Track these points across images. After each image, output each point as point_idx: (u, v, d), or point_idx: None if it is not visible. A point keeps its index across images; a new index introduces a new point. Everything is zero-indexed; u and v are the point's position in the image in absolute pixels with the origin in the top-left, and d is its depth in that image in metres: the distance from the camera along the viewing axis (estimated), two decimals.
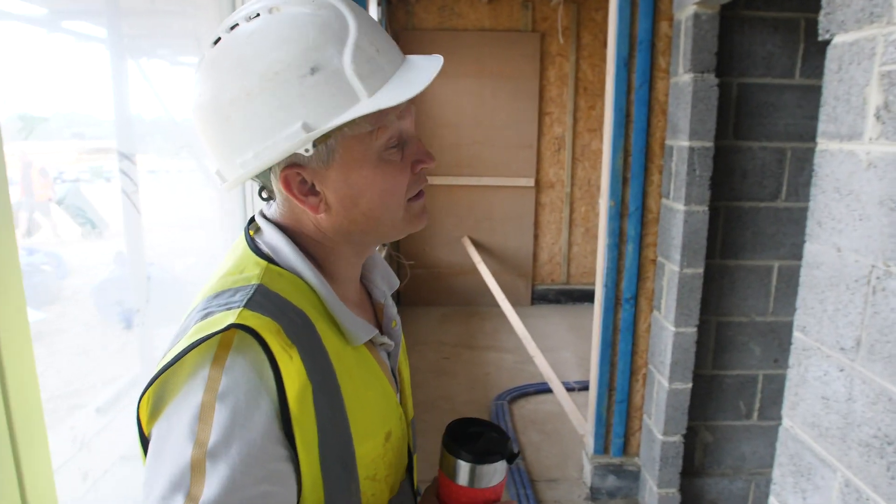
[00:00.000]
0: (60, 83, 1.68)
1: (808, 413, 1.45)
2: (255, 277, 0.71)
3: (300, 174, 0.71)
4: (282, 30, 0.67)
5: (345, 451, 0.71)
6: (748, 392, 2.59)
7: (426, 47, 5.12)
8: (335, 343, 0.73)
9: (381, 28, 0.74)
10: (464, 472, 0.79)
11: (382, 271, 0.92)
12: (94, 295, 2.16)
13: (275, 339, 0.64)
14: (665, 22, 2.36)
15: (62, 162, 2.07)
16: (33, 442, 0.85)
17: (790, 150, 2.38)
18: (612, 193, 2.48)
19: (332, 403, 0.69)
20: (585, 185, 5.47)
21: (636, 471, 2.75)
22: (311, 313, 0.71)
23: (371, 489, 0.77)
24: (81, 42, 1.84)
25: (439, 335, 4.85)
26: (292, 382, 0.64)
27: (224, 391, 0.62)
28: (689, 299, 2.37)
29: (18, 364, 0.82)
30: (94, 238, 2.19)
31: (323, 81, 0.66)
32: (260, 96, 0.66)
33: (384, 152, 0.73)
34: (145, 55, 2.02)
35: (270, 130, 0.67)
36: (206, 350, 0.63)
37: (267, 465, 0.62)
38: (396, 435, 0.82)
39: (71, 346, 2.02)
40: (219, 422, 0.61)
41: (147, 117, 1.99)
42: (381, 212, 0.75)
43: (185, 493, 0.59)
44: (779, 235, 2.45)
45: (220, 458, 0.60)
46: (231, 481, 0.60)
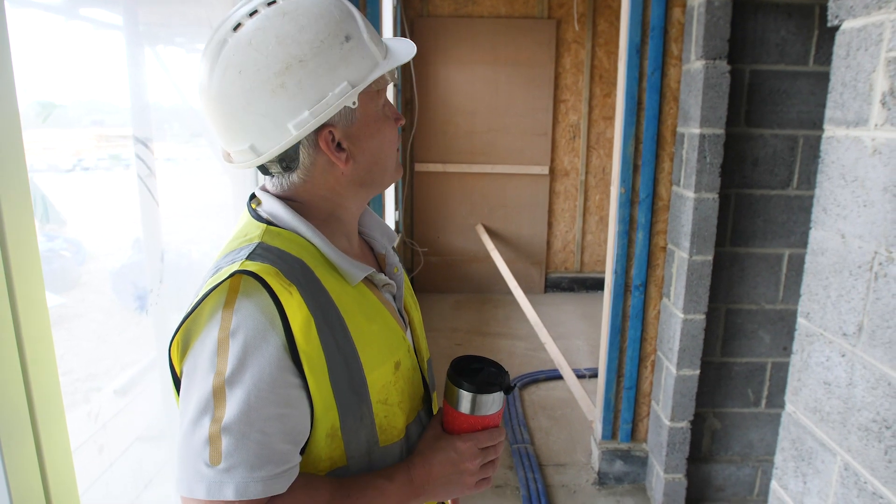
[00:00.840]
0: (79, 70, 1.71)
1: (810, 398, 1.47)
2: (257, 237, 0.82)
3: (332, 132, 0.83)
4: (312, 8, 0.79)
5: (355, 377, 0.81)
6: (757, 380, 2.59)
7: (441, 34, 5.12)
8: (334, 284, 0.83)
9: None
10: (465, 401, 0.88)
11: (380, 227, 1.04)
12: (112, 280, 2.21)
13: (274, 280, 0.75)
14: (678, 8, 2.35)
15: (81, 149, 2.11)
16: (52, 421, 0.88)
17: (802, 137, 2.37)
18: (622, 181, 2.48)
19: (338, 336, 0.79)
20: (600, 174, 5.45)
21: (644, 456, 2.77)
22: (308, 261, 0.82)
23: (384, 412, 0.86)
24: (99, 30, 1.86)
25: (452, 322, 4.88)
26: (294, 315, 0.75)
27: (235, 328, 0.73)
28: (699, 286, 2.38)
29: (38, 346, 0.86)
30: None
31: (356, 47, 0.80)
32: (313, 61, 0.78)
33: (383, 109, 0.87)
34: (162, 43, 2.05)
35: (324, 89, 0.79)
36: (218, 296, 0.75)
37: (279, 390, 0.74)
38: (406, 365, 0.92)
39: (89, 331, 2.07)
40: (233, 353, 0.73)
41: (165, 105, 2.02)
42: (387, 159, 0.89)
43: (211, 415, 0.72)
44: (790, 223, 2.44)
45: (237, 383, 0.72)
46: (247, 403, 0.72)
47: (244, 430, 0.72)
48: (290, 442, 0.76)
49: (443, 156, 5.36)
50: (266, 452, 0.73)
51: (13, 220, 0.81)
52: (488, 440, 0.90)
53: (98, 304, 2.23)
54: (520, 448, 3.01)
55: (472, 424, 0.89)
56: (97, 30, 1.84)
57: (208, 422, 0.72)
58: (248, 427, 0.72)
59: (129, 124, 1.74)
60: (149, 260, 1.77)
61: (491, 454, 0.91)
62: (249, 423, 0.72)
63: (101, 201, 2.27)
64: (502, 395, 0.90)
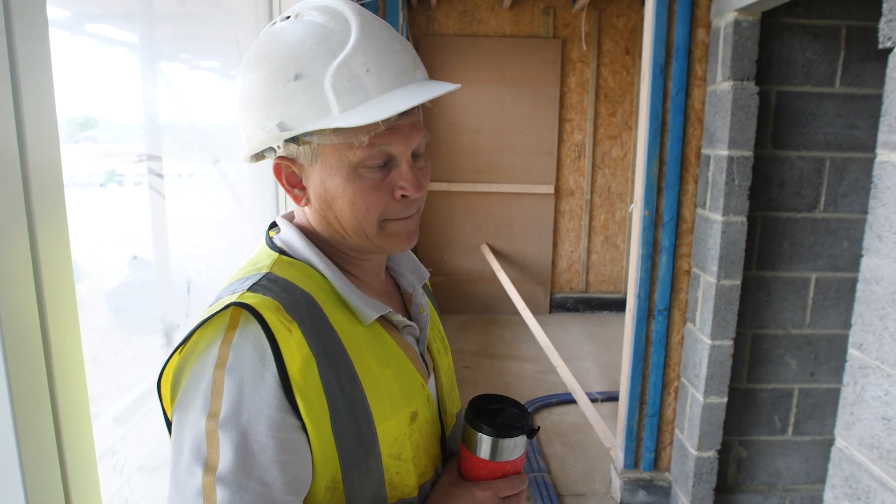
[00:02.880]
0: (76, 86, 1.66)
1: (865, 434, 1.40)
2: (266, 267, 0.77)
3: (291, 167, 0.78)
4: (290, 34, 0.74)
5: (363, 427, 0.74)
6: (783, 406, 2.53)
7: (446, 53, 5.10)
8: (345, 323, 0.76)
9: (397, 49, 0.74)
10: (485, 446, 0.81)
11: (410, 263, 0.97)
12: (109, 300, 2.13)
13: (272, 315, 0.69)
14: (702, 29, 2.32)
15: (74, 165, 2.05)
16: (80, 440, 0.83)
17: (829, 159, 2.33)
18: (646, 203, 2.43)
19: (343, 379, 0.72)
20: (605, 193, 5.42)
21: (667, 486, 2.69)
22: (318, 296, 0.76)
23: (395, 467, 0.78)
24: (104, 46, 1.82)
25: (459, 343, 4.80)
26: (292, 354, 0.68)
27: (231, 365, 0.67)
28: (727, 311, 2.32)
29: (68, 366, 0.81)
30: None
31: (302, 89, 0.71)
32: (257, 89, 0.75)
33: (361, 168, 0.75)
34: (166, 59, 2.01)
35: (257, 121, 0.75)
36: (216, 329, 0.69)
37: (279, 434, 0.67)
38: (425, 417, 0.84)
39: (85, 352, 1.99)
40: (228, 394, 0.66)
41: (168, 120, 1.98)
42: (353, 222, 0.78)
43: (204, 462, 0.65)
44: (816, 246, 2.39)
45: (232, 427, 0.65)
46: (244, 449, 0.65)
47: (240, 480, 0.64)
48: (293, 493, 0.68)
49: (448, 174, 5.31)
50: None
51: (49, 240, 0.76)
52: (510, 489, 0.82)
53: (93, 325, 2.15)
54: (536, 477, 2.92)
55: (493, 471, 0.82)
56: (101, 46, 1.80)
57: (201, 470, 0.64)
58: (244, 477, 0.65)
59: (127, 140, 1.69)
60: (160, 285, 1.70)
61: (517, 501, 0.84)
62: (246, 472, 0.65)
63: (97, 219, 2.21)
64: (525, 438, 0.82)
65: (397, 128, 0.74)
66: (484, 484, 0.81)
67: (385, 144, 0.74)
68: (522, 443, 0.82)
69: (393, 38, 0.75)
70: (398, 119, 0.74)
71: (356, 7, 0.75)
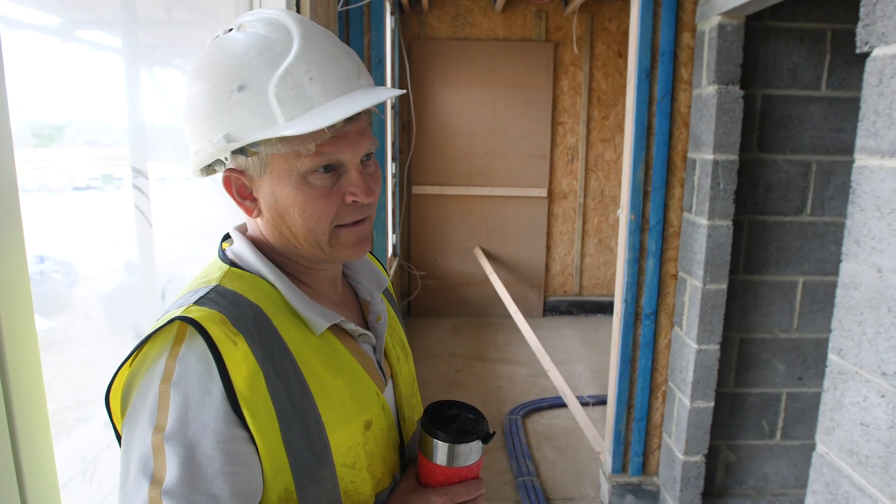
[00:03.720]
0: (74, 91, 1.66)
1: (845, 440, 1.40)
2: (216, 279, 0.77)
3: (240, 178, 0.78)
4: (233, 46, 0.73)
5: (315, 437, 0.74)
6: (771, 411, 2.52)
7: (438, 57, 5.10)
8: (295, 333, 0.76)
9: (340, 56, 0.75)
10: (440, 452, 0.81)
11: (368, 270, 0.97)
12: (104, 304, 2.12)
13: (217, 328, 0.69)
14: (688, 33, 2.31)
15: (73, 169, 2.04)
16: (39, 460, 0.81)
17: (815, 163, 2.33)
18: (632, 207, 2.43)
19: (293, 390, 0.72)
20: (598, 196, 5.42)
21: (655, 490, 2.68)
22: (267, 307, 0.76)
23: (350, 476, 0.78)
24: (95, 51, 1.82)
25: (451, 347, 4.79)
26: (237, 367, 0.68)
27: (177, 379, 0.67)
28: (713, 316, 2.31)
29: (25, 376, 0.79)
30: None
31: (246, 99, 0.71)
32: (202, 103, 0.74)
33: (310, 176, 0.75)
34: (158, 64, 2.00)
35: (204, 133, 0.75)
36: (163, 343, 0.69)
37: (226, 446, 0.67)
38: (380, 425, 0.83)
39: (79, 356, 1.98)
40: (174, 407, 0.66)
41: (158, 125, 1.98)
42: (304, 231, 0.77)
43: (150, 476, 0.65)
44: (803, 250, 2.39)
45: (178, 441, 0.65)
46: (191, 462, 0.65)
47: (187, 493, 0.64)
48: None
49: (440, 178, 5.31)
50: None
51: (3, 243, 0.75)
52: (465, 494, 0.82)
53: (88, 328, 2.14)
54: (525, 481, 2.91)
55: (449, 476, 0.82)
56: (93, 51, 1.80)
57: (147, 484, 0.64)
58: (191, 490, 0.65)
59: (123, 144, 1.68)
60: (146, 291, 1.69)
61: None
62: (193, 485, 0.65)
63: (93, 222, 2.20)
64: (480, 444, 0.83)
65: (344, 135, 0.74)
66: (440, 489, 0.81)
67: (333, 152, 0.74)
68: (478, 448, 0.83)
69: (335, 45, 0.76)
70: (344, 126, 0.74)
71: (298, 17, 0.75)
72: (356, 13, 2.39)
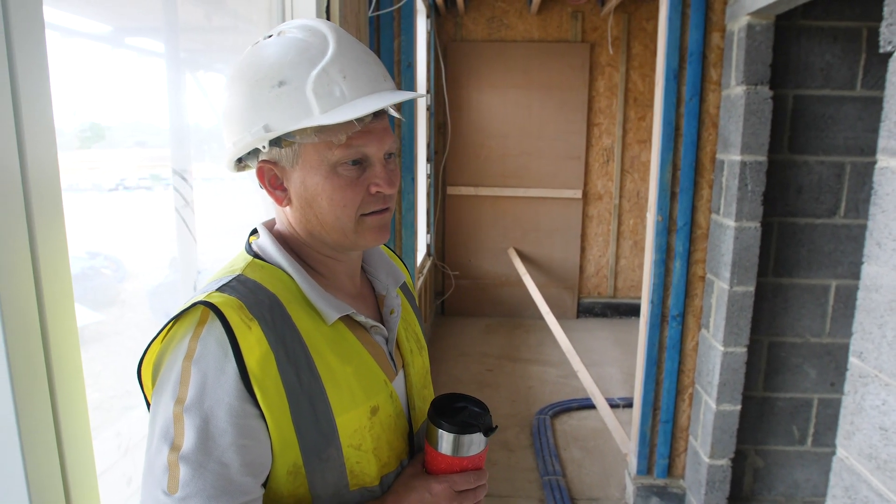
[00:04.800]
0: (126, 96, 1.75)
1: (864, 444, 1.38)
2: (239, 269, 0.84)
3: (273, 169, 0.84)
4: (275, 48, 0.81)
5: (322, 418, 0.80)
6: (802, 416, 2.48)
7: (474, 59, 5.13)
8: (308, 322, 0.82)
9: (369, 61, 0.83)
10: (444, 442, 0.85)
11: (385, 267, 1.02)
12: (149, 299, 2.22)
13: (234, 313, 0.76)
14: (717, 33, 2.30)
15: (124, 169, 2.13)
16: (78, 444, 0.87)
17: (850, 164, 2.28)
18: (659, 208, 2.42)
19: (302, 373, 0.79)
20: (634, 198, 5.37)
21: (681, 493, 2.66)
22: (284, 296, 0.82)
23: (356, 457, 0.84)
24: (143, 57, 1.91)
25: (483, 346, 4.82)
26: (251, 349, 0.75)
27: (198, 357, 0.74)
28: (739, 318, 2.29)
29: (66, 366, 0.85)
30: None
31: (286, 94, 0.79)
32: (243, 97, 0.81)
33: (339, 167, 0.82)
34: (202, 69, 2.08)
35: (244, 126, 0.82)
36: (189, 325, 0.76)
37: (237, 420, 0.74)
38: (387, 412, 0.89)
39: (126, 348, 2.07)
40: (194, 382, 0.73)
41: (204, 126, 2.06)
42: (332, 218, 0.84)
43: (171, 442, 0.72)
44: (836, 253, 2.34)
45: (195, 412, 0.72)
46: (205, 432, 0.72)
47: (201, 459, 0.72)
48: (250, 474, 0.75)
49: (475, 179, 5.35)
50: (223, 483, 0.73)
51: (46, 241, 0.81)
52: (465, 483, 0.87)
53: (135, 322, 2.24)
54: (551, 480, 2.93)
55: (451, 465, 0.86)
56: (141, 57, 1.89)
57: (167, 448, 0.73)
58: (205, 457, 0.72)
59: (170, 146, 1.76)
60: (184, 286, 1.77)
61: (469, 498, 0.88)
62: (207, 452, 0.72)
63: (142, 220, 2.29)
64: (482, 436, 0.87)
65: (371, 130, 0.82)
66: (442, 477, 0.86)
67: (361, 145, 0.81)
68: (480, 440, 0.87)
69: (365, 51, 0.84)
70: (372, 122, 0.82)
71: (332, 25, 0.83)
72: (386, 18, 2.45)
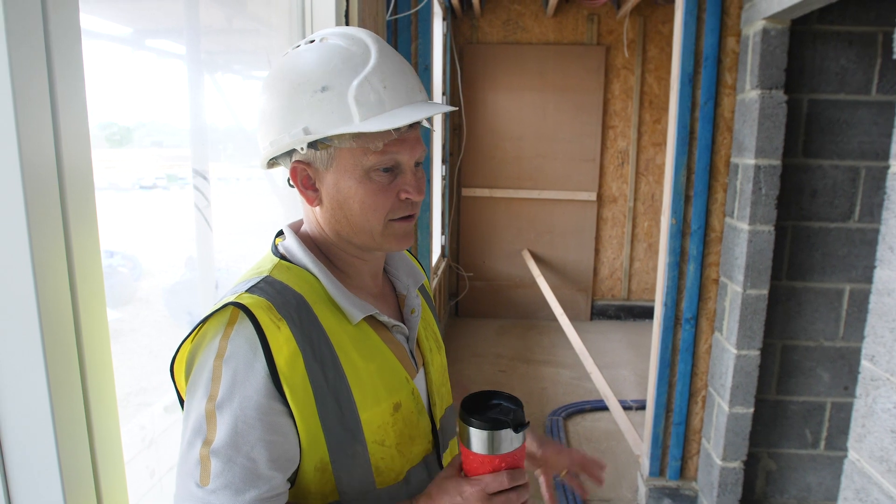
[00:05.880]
0: (143, 96, 1.79)
1: (875, 447, 1.39)
2: (266, 271, 0.86)
3: (306, 170, 0.87)
4: (318, 54, 0.84)
5: (347, 415, 0.83)
6: (815, 420, 2.48)
7: (490, 61, 5.16)
8: (333, 321, 0.85)
9: (406, 71, 0.86)
10: (475, 439, 0.82)
11: (406, 268, 1.05)
12: (166, 297, 2.26)
13: (263, 313, 0.78)
14: (732, 37, 2.31)
15: (141, 168, 2.17)
16: (108, 436, 0.91)
17: (864, 168, 2.28)
18: (673, 211, 2.43)
19: (328, 371, 0.81)
20: (649, 200, 5.37)
21: (693, 495, 2.67)
22: (310, 297, 0.85)
23: (380, 453, 0.86)
24: (163, 58, 1.95)
25: (496, 348, 4.84)
26: (280, 348, 0.77)
27: (228, 356, 0.77)
28: (753, 321, 2.30)
29: (98, 361, 0.88)
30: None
31: (328, 99, 0.81)
32: (285, 99, 0.84)
33: (372, 172, 0.84)
34: (221, 70, 2.12)
35: (284, 126, 0.84)
36: (219, 326, 0.79)
37: (265, 417, 0.77)
38: (408, 408, 0.91)
39: (142, 346, 2.11)
40: (225, 380, 0.76)
41: (221, 127, 2.09)
42: (361, 221, 0.86)
43: (203, 437, 0.76)
44: (850, 257, 2.34)
45: (226, 408, 0.76)
46: (234, 428, 0.75)
47: (231, 454, 0.75)
48: (278, 469, 0.78)
49: (490, 181, 5.37)
50: (251, 477, 0.75)
51: (81, 239, 0.84)
52: (498, 484, 0.80)
53: (151, 320, 2.28)
54: (563, 481, 2.94)
55: (483, 464, 0.82)
56: (160, 58, 1.93)
57: (200, 443, 0.76)
58: (234, 452, 0.75)
59: (187, 145, 1.80)
60: (203, 285, 1.81)
61: (507, 501, 0.81)
62: (236, 447, 0.75)
63: (158, 219, 2.34)
64: (513, 432, 0.82)
65: (405, 139, 0.85)
66: (473, 479, 0.82)
67: (395, 152, 0.84)
68: (512, 437, 0.82)
69: (403, 62, 0.87)
70: (406, 131, 0.85)
71: (373, 35, 0.86)
72: (404, 21, 2.48)
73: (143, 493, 1.58)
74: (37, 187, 0.75)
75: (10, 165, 0.72)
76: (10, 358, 0.75)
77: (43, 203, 0.76)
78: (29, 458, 0.78)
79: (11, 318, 0.74)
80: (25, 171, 0.73)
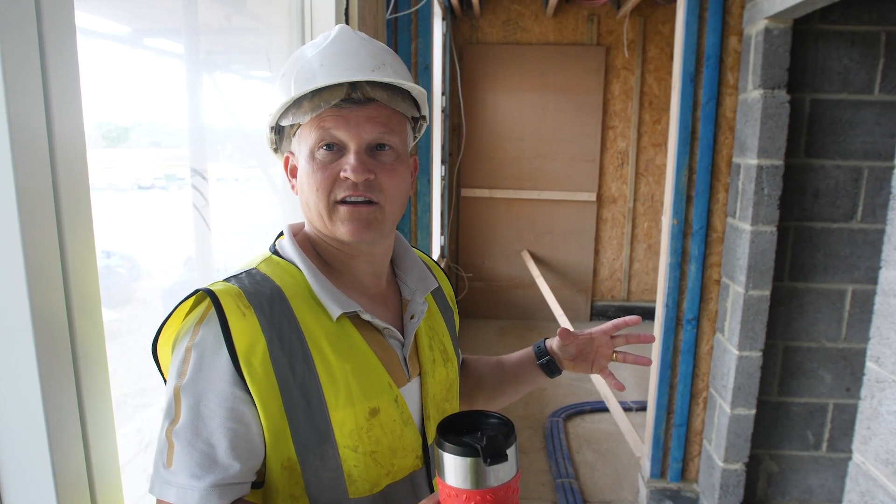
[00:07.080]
0: (141, 96, 1.77)
1: (881, 449, 1.38)
2: (255, 264, 0.88)
3: (292, 160, 0.91)
4: (298, 50, 0.90)
5: (316, 412, 0.80)
6: (817, 421, 2.47)
7: (490, 61, 5.15)
8: (310, 316, 0.84)
9: (358, 53, 0.85)
10: (448, 469, 0.68)
11: (419, 273, 1.02)
12: (164, 298, 2.25)
13: (230, 300, 0.79)
14: (734, 37, 2.30)
15: (139, 168, 2.16)
16: (103, 439, 0.89)
17: (867, 168, 2.27)
18: (675, 211, 2.42)
19: (297, 364, 0.80)
20: (649, 201, 5.36)
21: (694, 497, 2.66)
22: (290, 290, 0.85)
23: (353, 460, 0.83)
24: (161, 58, 1.94)
25: (496, 349, 4.83)
26: (242, 334, 0.78)
27: (198, 341, 0.78)
28: (755, 322, 2.29)
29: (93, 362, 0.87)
30: None
31: (281, 84, 0.87)
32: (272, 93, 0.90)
33: (316, 151, 0.85)
34: (219, 70, 2.10)
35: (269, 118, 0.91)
36: (198, 311, 0.81)
37: (227, 403, 0.77)
38: (390, 416, 0.86)
39: (141, 346, 2.09)
40: (192, 365, 0.77)
41: (219, 126, 2.08)
42: (312, 202, 0.87)
43: (172, 419, 0.77)
44: (853, 258, 2.33)
45: (190, 392, 0.76)
46: (196, 412, 0.76)
47: (190, 438, 0.76)
48: (238, 459, 0.76)
49: (489, 181, 5.36)
50: (208, 463, 0.75)
51: (75, 238, 0.83)
52: None
53: (150, 321, 2.26)
54: (564, 483, 2.93)
55: (457, 500, 0.67)
56: (159, 58, 1.91)
57: (167, 423, 0.77)
58: (194, 436, 0.76)
59: (186, 145, 1.78)
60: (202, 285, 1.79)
61: None
62: (196, 432, 0.76)
63: (156, 220, 2.31)
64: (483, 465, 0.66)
65: (345, 115, 0.83)
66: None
67: (331, 127, 0.84)
68: (498, 467, 0.67)
69: (362, 46, 0.86)
70: (346, 107, 0.83)
71: (344, 26, 0.88)
72: (404, 20, 2.47)
73: (139, 496, 1.56)
74: (30, 187, 0.73)
75: (3, 164, 0.70)
76: (1, 359, 0.74)
77: (36, 203, 0.75)
78: (21, 462, 0.76)
79: (3, 319, 0.73)
80: (18, 171, 0.71)
